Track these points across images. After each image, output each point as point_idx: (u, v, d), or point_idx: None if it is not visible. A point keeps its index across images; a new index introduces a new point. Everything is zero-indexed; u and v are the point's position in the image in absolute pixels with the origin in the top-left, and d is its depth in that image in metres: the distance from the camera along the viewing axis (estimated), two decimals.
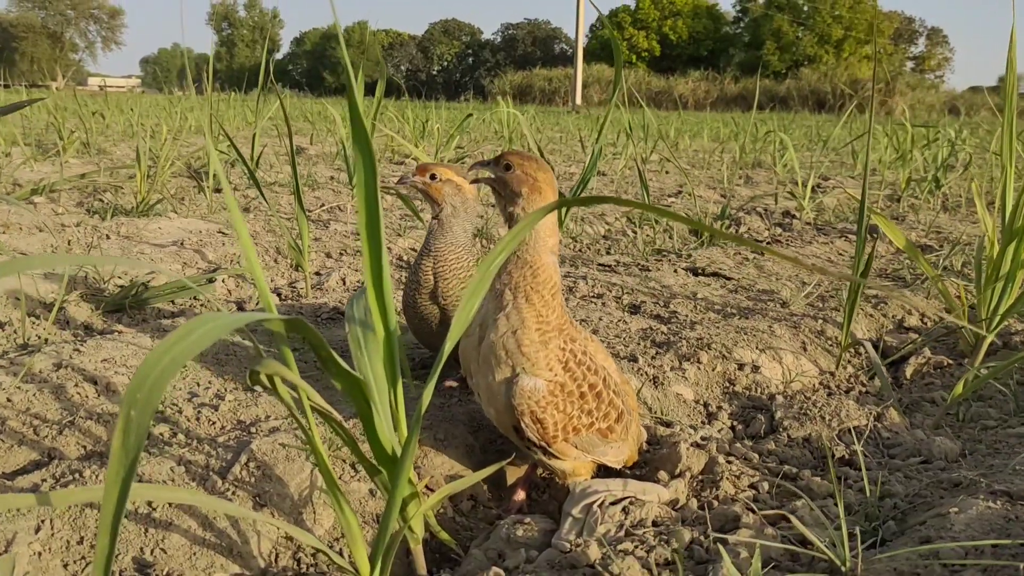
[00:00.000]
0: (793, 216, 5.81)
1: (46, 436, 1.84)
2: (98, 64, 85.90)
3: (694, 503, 1.75)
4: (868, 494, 1.71)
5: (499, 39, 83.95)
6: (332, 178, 6.94)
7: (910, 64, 68.81)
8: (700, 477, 1.88)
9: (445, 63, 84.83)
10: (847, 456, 2.02)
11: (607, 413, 1.71)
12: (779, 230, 5.30)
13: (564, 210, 4.07)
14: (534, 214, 1.14)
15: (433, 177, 2.12)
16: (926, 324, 3.30)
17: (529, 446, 1.67)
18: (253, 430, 1.91)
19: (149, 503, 1.53)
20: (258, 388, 2.02)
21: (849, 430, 2.19)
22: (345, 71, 1.14)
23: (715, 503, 1.76)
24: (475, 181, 1.66)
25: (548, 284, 1.58)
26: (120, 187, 5.45)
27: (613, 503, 1.61)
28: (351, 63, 1.33)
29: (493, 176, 1.60)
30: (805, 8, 66.56)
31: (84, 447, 1.83)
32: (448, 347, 1.26)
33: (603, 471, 1.88)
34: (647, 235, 4.81)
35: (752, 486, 1.85)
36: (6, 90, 18.92)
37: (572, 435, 1.65)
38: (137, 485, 1.22)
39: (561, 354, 1.62)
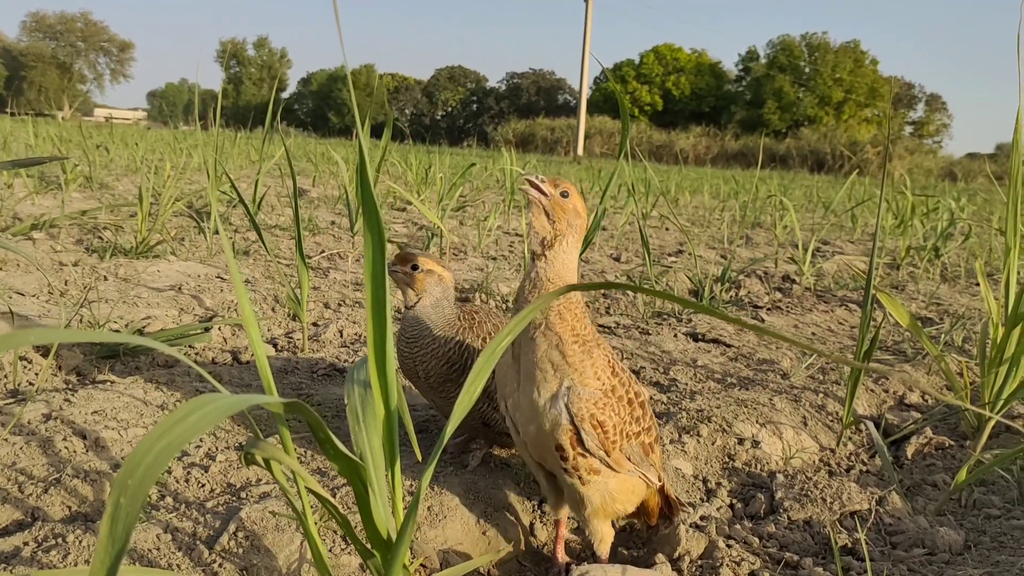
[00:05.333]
0: (793, 281, 5.80)
1: (31, 494, 1.79)
2: (105, 96, 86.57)
3: None
4: None
5: (504, 87, 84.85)
6: (333, 223, 6.94)
7: (908, 129, 69.69)
8: (699, 562, 1.83)
9: (449, 108, 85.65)
10: (850, 544, 1.98)
11: (649, 427, 1.75)
12: (779, 295, 5.29)
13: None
14: (546, 296, 1.15)
15: (415, 268, 2.03)
16: (927, 401, 3.27)
17: (575, 467, 1.64)
18: (243, 495, 1.86)
19: None
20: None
21: (851, 514, 2.15)
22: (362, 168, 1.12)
23: None
24: (527, 193, 1.64)
25: (578, 301, 1.64)
26: (120, 226, 5.43)
27: None
28: (358, 107, 1.32)
29: (548, 196, 1.63)
30: (806, 70, 67.61)
31: (69, 507, 1.79)
32: (449, 430, 1.23)
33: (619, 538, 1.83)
34: (647, 296, 4.79)
35: (752, 574, 1.81)
36: (12, 119, 19.06)
37: (624, 442, 1.67)
38: (124, 568, 1.18)
39: (606, 361, 1.66)
